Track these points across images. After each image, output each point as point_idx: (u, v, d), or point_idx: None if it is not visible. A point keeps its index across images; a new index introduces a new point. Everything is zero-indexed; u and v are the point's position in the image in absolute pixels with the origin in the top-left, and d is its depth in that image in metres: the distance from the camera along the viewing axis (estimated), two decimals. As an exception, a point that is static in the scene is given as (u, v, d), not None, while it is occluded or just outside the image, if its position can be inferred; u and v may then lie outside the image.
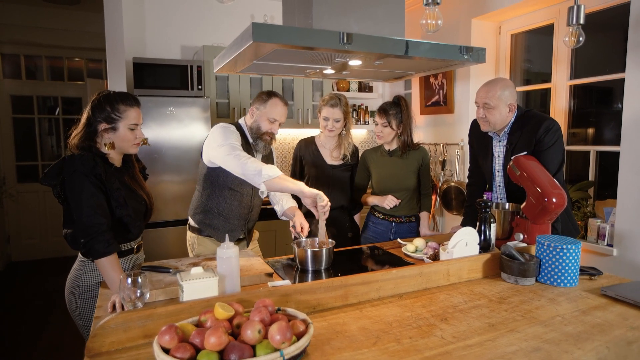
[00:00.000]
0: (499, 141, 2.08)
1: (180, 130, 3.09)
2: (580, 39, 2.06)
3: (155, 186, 3.05)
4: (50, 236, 5.09)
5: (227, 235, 1.30)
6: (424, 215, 2.34)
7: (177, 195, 3.14)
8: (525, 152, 1.94)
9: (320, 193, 1.76)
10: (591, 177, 2.83)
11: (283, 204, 2.13)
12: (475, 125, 2.24)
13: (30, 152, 5.02)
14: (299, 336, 1.03)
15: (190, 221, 2.12)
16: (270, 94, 2.00)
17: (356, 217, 2.58)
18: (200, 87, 3.20)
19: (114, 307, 1.33)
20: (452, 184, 3.60)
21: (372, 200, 2.30)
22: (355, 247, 2.15)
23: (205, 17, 3.73)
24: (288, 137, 4.16)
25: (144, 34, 3.52)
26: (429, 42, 1.46)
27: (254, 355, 0.96)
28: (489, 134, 2.11)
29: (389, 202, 2.20)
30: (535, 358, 1.04)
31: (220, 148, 1.83)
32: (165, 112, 3.02)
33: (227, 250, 1.25)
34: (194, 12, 3.69)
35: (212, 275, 1.21)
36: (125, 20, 3.30)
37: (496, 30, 3.46)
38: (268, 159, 2.16)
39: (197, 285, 1.18)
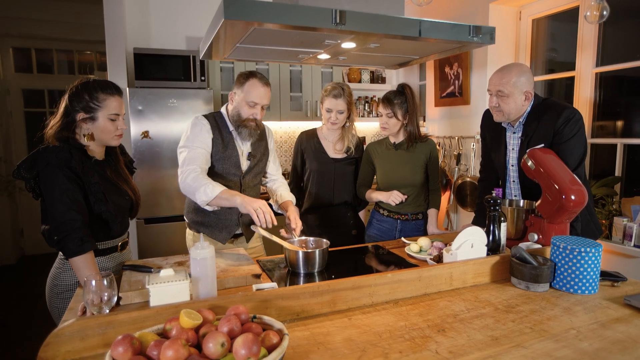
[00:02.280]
0: (514, 132, 1.91)
1: (183, 122, 3.00)
2: (604, 12, 1.85)
3: (156, 180, 2.98)
4: (62, 229, 5.12)
5: (201, 235, 1.18)
6: (432, 213, 2.19)
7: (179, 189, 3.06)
8: (542, 145, 1.77)
9: (259, 205, 1.57)
10: (617, 172, 2.61)
11: (278, 198, 2.00)
12: (487, 115, 2.07)
13: (43, 146, 5.05)
14: (271, 349, 0.92)
15: (186, 220, 2.02)
16: (249, 75, 1.80)
17: (361, 214, 2.45)
18: (203, 78, 3.11)
19: (85, 311, 1.24)
20: (468, 179, 3.42)
21: (377, 196, 2.16)
22: (357, 246, 2.02)
23: (211, 6, 3.63)
24: (297, 130, 4.03)
25: (148, 24, 3.45)
26: (430, 20, 1.31)
27: (216, 371, 0.85)
28: (503, 124, 1.94)
29: (395, 198, 2.05)
30: (543, 381, 0.90)
31: (179, 152, 1.82)
32: (166, 104, 2.93)
33: (202, 251, 1.14)
34: (199, 1, 3.59)
35: (182, 278, 1.10)
36: (129, 10, 3.24)
37: (516, 15, 3.25)
38: (259, 145, 1.99)
39: (165, 289, 1.07)
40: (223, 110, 1.93)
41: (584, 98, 2.78)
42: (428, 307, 1.28)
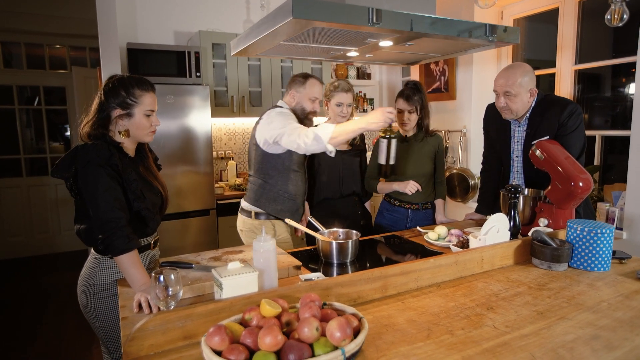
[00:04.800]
0: (519, 126, 2.04)
1: (180, 119, 2.96)
2: (624, 16, 2.02)
3: (154, 178, 2.92)
4: (36, 233, 4.88)
5: (263, 228, 1.22)
6: (439, 203, 2.31)
7: (178, 187, 3.02)
8: (547, 137, 1.91)
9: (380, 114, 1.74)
10: (596, 161, 2.84)
11: None
12: (490, 110, 2.20)
13: (11, 145, 4.77)
14: (354, 332, 0.97)
15: (255, 209, 2.14)
16: (307, 76, 2.12)
17: (366, 205, 2.53)
18: (198, 74, 3.07)
19: (139, 307, 1.24)
20: (455, 170, 3.58)
21: (392, 186, 2.24)
22: (373, 237, 2.09)
23: (198, 1, 3.58)
24: (285, 126, 4.05)
25: (134, 19, 3.35)
26: (465, 21, 1.40)
27: (313, 354, 0.89)
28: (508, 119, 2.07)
29: (411, 187, 2.15)
30: (597, 345, 1.01)
31: (280, 133, 1.89)
32: (163, 100, 2.88)
33: (265, 244, 1.18)
34: (186, -4, 3.52)
35: (251, 270, 1.13)
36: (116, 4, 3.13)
37: (498, 15, 3.43)
38: None
39: (237, 281, 1.10)
40: (285, 106, 2.16)
41: (564, 93, 2.99)
42: (468, 288, 1.37)
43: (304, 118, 2.11)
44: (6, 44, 4.63)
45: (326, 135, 1.72)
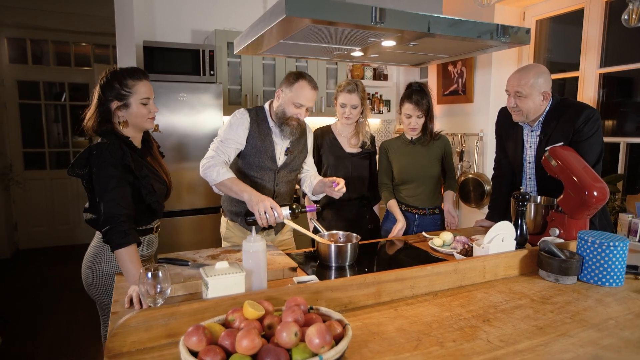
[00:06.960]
0: (532, 131, 1.97)
1: (193, 117, 2.99)
2: None
3: (166, 174, 2.96)
4: (57, 224, 5.04)
5: (253, 228, 1.20)
6: (448, 194, 2.27)
7: (189, 184, 3.05)
8: (562, 143, 1.83)
9: (265, 208, 1.61)
10: (620, 170, 2.71)
11: (312, 181, 2.05)
12: (503, 113, 2.13)
13: (37, 139, 4.94)
14: (337, 339, 0.94)
15: (222, 208, 2.11)
16: (299, 76, 1.86)
17: (375, 208, 2.49)
18: (212, 72, 3.09)
19: (131, 302, 1.25)
20: (470, 175, 3.49)
21: (395, 211, 2.22)
22: (378, 241, 2.05)
23: (216, 0, 3.60)
24: (300, 125, 4.04)
25: (153, 17, 3.40)
26: (472, 21, 1.35)
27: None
28: (520, 123, 2.00)
29: (398, 232, 2.15)
30: (597, 367, 0.95)
31: (212, 143, 1.88)
32: (176, 97, 2.91)
33: (254, 244, 1.16)
34: (205, -5, 3.56)
35: (238, 271, 1.12)
36: (135, 2, 3.19)
37: (520, 15, 3.32)
38: (298, 142, 2.03)
39: (223, 281, 1.09)
40: (266, 105, 2.00)
41: (587, 98, 2.87)
42: (467, 298, 1.32)
43: (282, 123, 1.89)
44: (35, 42, 4.79)
45: (216, 179, 1.73)
